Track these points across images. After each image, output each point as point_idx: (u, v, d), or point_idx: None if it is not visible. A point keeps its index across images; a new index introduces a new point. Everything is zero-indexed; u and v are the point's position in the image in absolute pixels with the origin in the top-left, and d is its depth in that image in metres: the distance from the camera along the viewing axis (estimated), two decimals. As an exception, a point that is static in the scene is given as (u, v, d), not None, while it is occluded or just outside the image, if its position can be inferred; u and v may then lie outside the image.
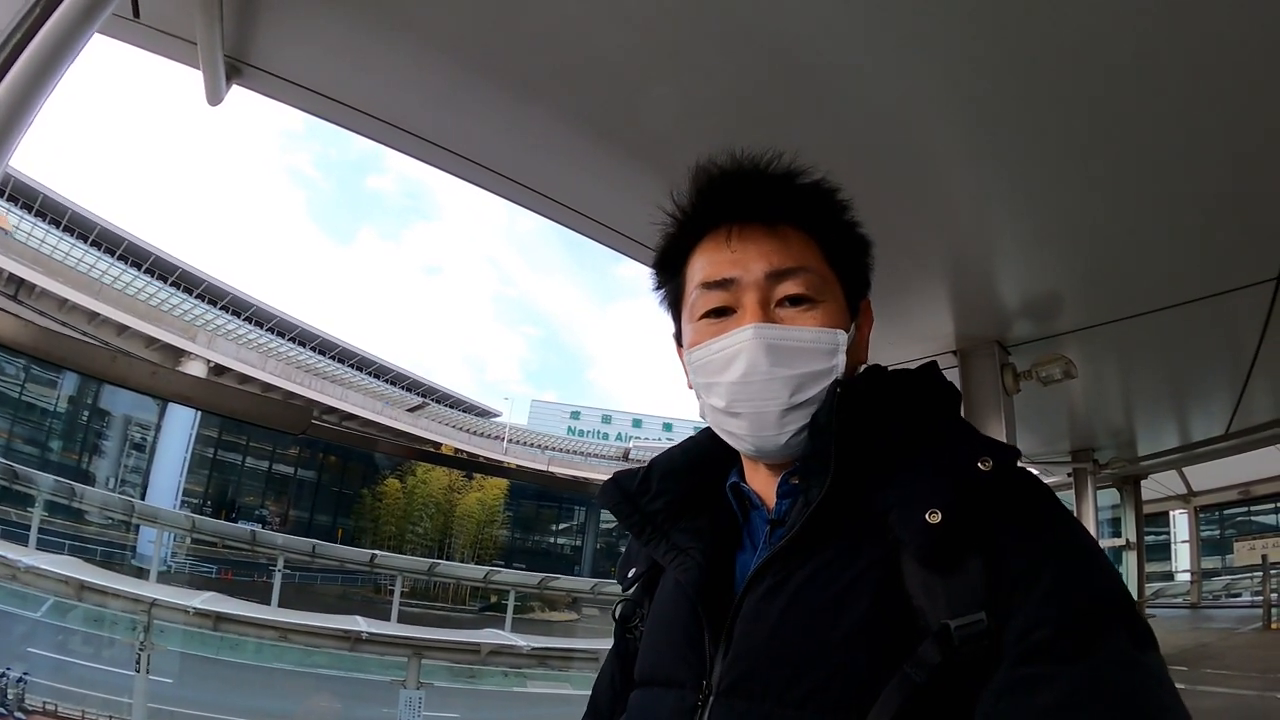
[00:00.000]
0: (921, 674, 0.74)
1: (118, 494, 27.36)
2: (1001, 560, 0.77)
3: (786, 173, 0.99)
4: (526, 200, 1.91)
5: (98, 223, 35.10)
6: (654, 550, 1.01)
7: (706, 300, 0.98)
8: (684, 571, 0.95)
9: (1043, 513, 0.83)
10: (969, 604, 0.76)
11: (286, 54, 1.55)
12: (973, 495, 0.80)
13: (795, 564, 0.86)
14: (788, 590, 0.85)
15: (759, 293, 0.94)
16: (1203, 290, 2.20)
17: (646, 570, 1.09)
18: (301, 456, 37.05)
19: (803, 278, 0.94)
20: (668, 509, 1.02)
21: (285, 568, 23.90)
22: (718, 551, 0.97)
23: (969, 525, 0.79)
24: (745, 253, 0.95)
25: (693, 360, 0.99)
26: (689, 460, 1.09)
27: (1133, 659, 0.71)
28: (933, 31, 1.31)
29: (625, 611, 1.12)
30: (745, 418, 0.93)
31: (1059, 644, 0.72)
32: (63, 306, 27.82)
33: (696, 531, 0.99)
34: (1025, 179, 1.71)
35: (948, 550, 0.78)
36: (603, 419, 60.59)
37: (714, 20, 1.32)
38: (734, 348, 0.93)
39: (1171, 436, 4.40)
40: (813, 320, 0.93)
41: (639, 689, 1.00)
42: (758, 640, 0.85)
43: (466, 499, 37.88)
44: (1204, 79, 1.36)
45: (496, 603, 30.68)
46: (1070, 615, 0.73)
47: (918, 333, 2.61)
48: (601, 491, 1.08)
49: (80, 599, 14.60)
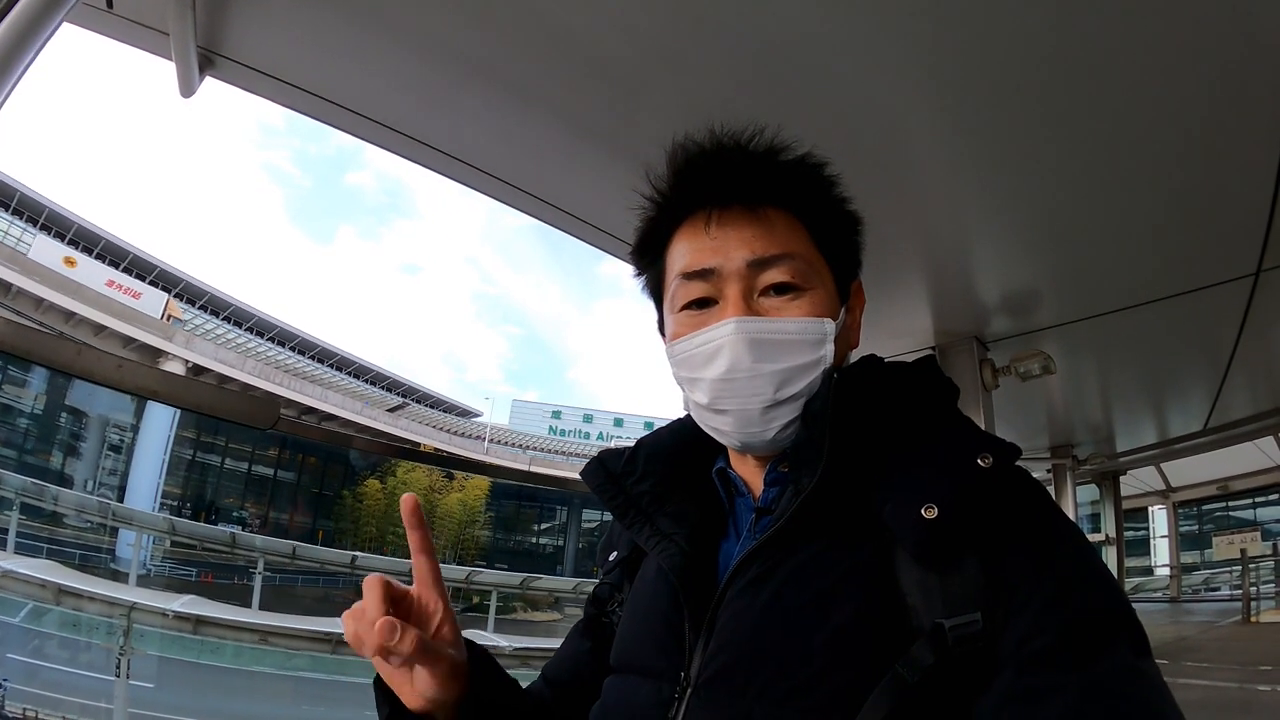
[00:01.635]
0: (914, 674, 0.71)
1: (95, 496, 27.07)
2: (1000, 561, 0.75)
3: (769, 149, 0.94)
4: (505, 195, 1.89)
5: (75, 221, 34.74)
6: (637, 534, 0.97)
7: (687, 291, 0.93)
8: (667, 558, 0.91)
9: (1042, 515, 0.80)
10: (964, 604, 0.73)
11: (260, 45, 1.52)
12: (972, 492, 0.77)
13: (782, 555, 0.83)
14: (773, 583, 0.82)
15: (741, 283, 0.89)
16: (1181, 286, 2.22)
17: (628, 555, 1.06)
18: (281, 458, 36.86)
19: (788, 265, 0.89)
20: (653, 491, 0.98)
21: (265, 570, 23.72)
22: (702, 539, 0.93)
23: (967, 523, 0.76)
24: (726, 240, 0.90)
25: (674, 354, 0.94)
26: (676, 442, 1.04)
27: (1136, 668, 0.70)
28: (912, 30, 1.30)
29: (601, 594, 1.08)
30: (729, 415, 0.89)
31: (1062, 653, 0.70)
32: (39, 306, 27.46)
33: (681, 517, 0.95)
34: (1004, 174, 1.72)
35: (944, 547, 0.76)
36: (584, 418, 60.65)
37: (698, 17, 1.31)
38: (715, 343, 0.88)
39: (1150, 432, 4.43)
40: (799, 310, 0.89)
41: (614, 675, 0.96)
42: (740, 633, 0.81)
43: (447, 499, 37.83)
44: (1182, 76, 1.37)
45: (479, 603, 30.58)
46: (1073, 624, 0.71)
47: (896, 328, 2.61)
48: (586, 470, 1.03)
49: (59, 603, 14.44)
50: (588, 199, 1.94)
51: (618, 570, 1.06)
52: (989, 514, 0.77)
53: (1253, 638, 10.92)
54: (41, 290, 27.45)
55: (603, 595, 1.07)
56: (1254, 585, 12.89)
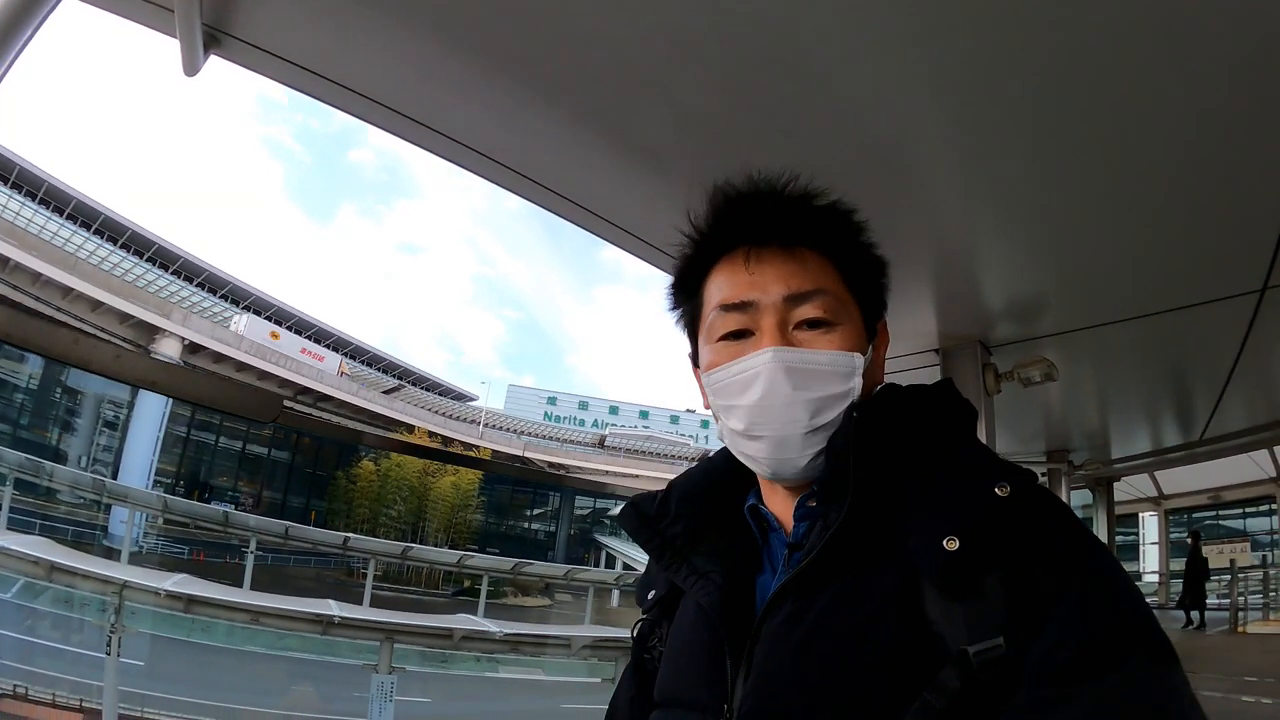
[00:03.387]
0: (941, 700, 0.74)
1: (89, 473, 27.08)
2: (1020, 585, 0.77)
3: (803, 194, 1.00)
4: (507, 181, 1.87)
5: (74, 196, 34.65)
6: (674, 574, 1.02)
7: (725, 323, 0.98)
8: (705, 595, 0.96)
9: (1061, 535, 0.82)
10: (988, 629, 0.76)
11: (266, 24, 1.50)
12: (990, 522, 0.80)
13: (815, 588, 0.86)
14: (809, 616, 0.85)
15: (777, 315, 0.94)
16: (1186, 299, 2.21)
17: (665, 593, 1.10)
18: (275, 437, 36.92)
19: (820, 301, 0.95)
20: (686, 533, 1.03)
21: (258, 550, 23.68)
22: (738, 574, 0.98)
23: (987, 551, 0.79)
24: (763, 275, 0.96)
25: (711, 382, 0.99)
26: (708, 482, 1.09)
27: (1152, 674, 0.72)
28: (922, 34, 1.29)
29: (643, 630, 1.14)
30: (765, 440, 0.93)
31: (1078, 666, 0.72)
32: (37, 281, 27.43)
33: (716, 555, 1.00)
34: (1013, 181, 1.71)
35: (966, 576, 0.79)
36: (579, 405, 60.91)
37: (707, 14, 1.30)
38: (753, 370, 0.93)
39: (1146, 441, 4.45)
40: (830, 343, 0.94)
41: (660, 710, 1.01)
42: (779, 665, 0.85)
43: (441, 482, 37.90)
44: (1196, 89, 1.36)
45: (470, 587, 30.70)
46: (1090, 638, 0.73)
47: (901, 330, 2.60)
48: (620, 515, 1.10)
49: (50, 580, 14.41)
50: (592, 188, 1.92)
51: (656, 609, 1.12)
52: (1008, 541, 0.79)
53: (1240, 648, 10.94)
54: (40, 265, 27.41)
55: (645, 633, 1.14)
56: (1242, 595, 12.93)
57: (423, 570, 32.27)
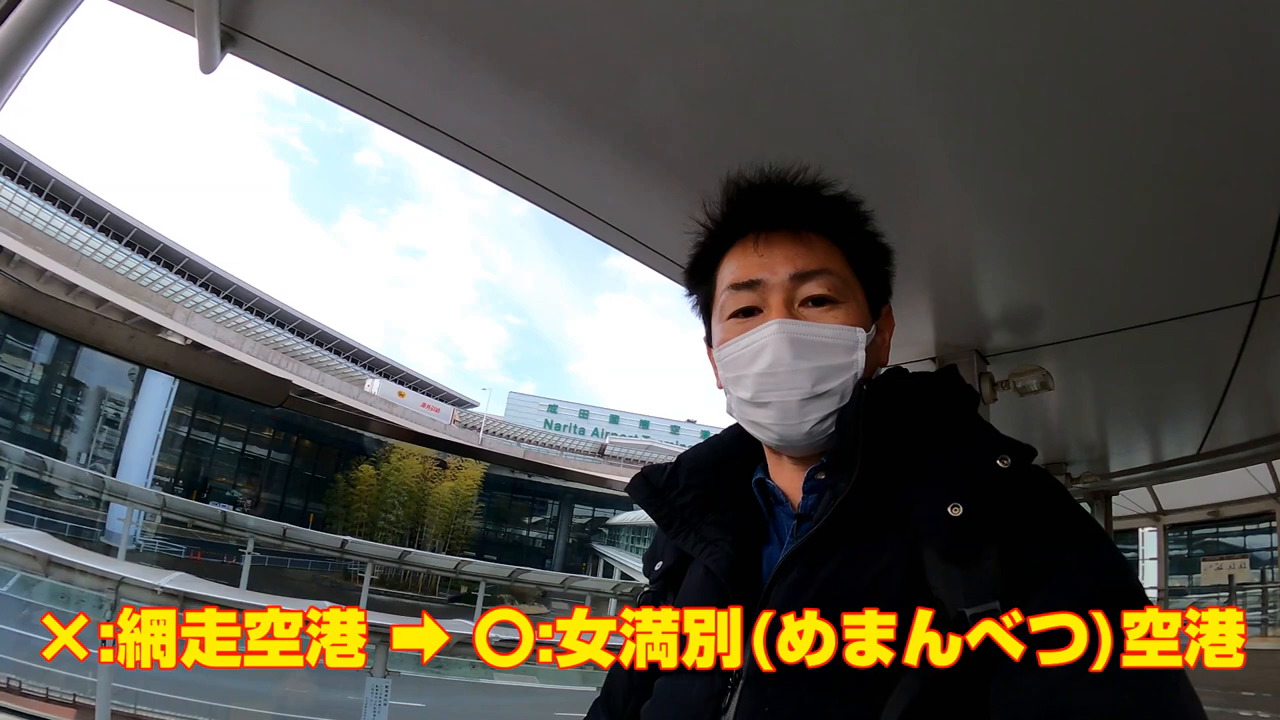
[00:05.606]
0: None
1: (89, 469, 27.05)
2: (1017, 553, 0.82)
3: (812, 184, 1.07)
4: (516, 185, 1.88)
5: (80, 193, 34.68)
6: (683, 542, 1.06)
7: (735, 300, 1.04)
8: (714, 561, 1.00)
9: (1057, 508, 0.87)
10: (984, 593, 0.80)
11: (284, 25, 1.52)
12: (992, 490, 0.85)
13: (822, 556, 0.91)
14: (816, 581, 0.89)
15: (784, 293, 1.00)
16: (1182, 309, 2.22)
17: (673, 564, 1.14)
18: (275, 439, 36.87)
19: (825, 279, 1.01)
20: (695, 503, 1.08)
21: (255, 550, 23.70)
22: (746, 543, 1.02)
23: (988, 519, 0.83)
24: (772, 256, 1.02)
25: (722, 356, 1.05)
26: (716, 456, 1.14)
27: None
28: (922, 41, 1.31)
29: (647, 602, 1.16)
30: (771, 407, 0.99)
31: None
32: (41, 276, 27.45)
33: (724, 524, 1.05)
34: (1009, 190, 1.72)
35: (967, 542, 0.83)
36: (580, 414, 60.69)
37: (710, 13, 1.31)
38: (760, 342, 0.99)
39: (1144, 454, 4.43)
40: (834, 318, 1.00)
41: (664, 676, 1.03)
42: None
43: (440, 488, 37.81)
44: (1191, 101, 1.38)
45: (466, 593, 30.67)
46: (1080, 601, 0.76)
47: (897, 338, 2.54)
48: (630, 486, 1.15)
49: (47, 574, 14.40)
50: (601, 195, 1.93)
51: (662, 580, 1.16)
52: (1008, 510, 0.84)
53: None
54: (44, 260, 27.43)
55: (648, 603, 1.15)
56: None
57: (420, 575, 32.23)
